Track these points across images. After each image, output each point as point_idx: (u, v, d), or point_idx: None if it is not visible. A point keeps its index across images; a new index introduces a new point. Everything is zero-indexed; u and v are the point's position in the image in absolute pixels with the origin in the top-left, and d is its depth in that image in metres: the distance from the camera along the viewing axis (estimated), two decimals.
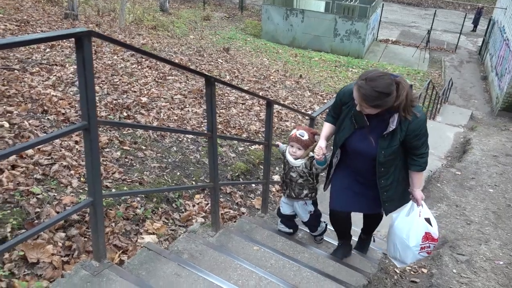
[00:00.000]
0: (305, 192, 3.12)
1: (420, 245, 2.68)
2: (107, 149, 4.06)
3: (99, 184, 1.98)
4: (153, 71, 7.41)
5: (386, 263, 3.51)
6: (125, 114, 5.09)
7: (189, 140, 5.03)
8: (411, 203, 2.73)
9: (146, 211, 3.38)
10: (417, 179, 2.64)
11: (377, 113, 2.35)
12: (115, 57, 7.47)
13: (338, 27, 18.02)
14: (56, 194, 3.02)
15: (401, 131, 2.39)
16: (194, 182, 4.24)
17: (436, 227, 2.74)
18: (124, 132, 4.55)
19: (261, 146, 5.43)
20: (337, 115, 2.68)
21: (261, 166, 5.13)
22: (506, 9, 16.47)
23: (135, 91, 6.02)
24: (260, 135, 6.17)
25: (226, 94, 7.67)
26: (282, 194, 3.34)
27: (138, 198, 3.49)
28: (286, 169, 3.14)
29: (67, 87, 5.35)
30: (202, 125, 5.63)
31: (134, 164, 4.00)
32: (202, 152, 4.84)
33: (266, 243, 3.11)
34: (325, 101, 9.74)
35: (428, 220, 2.69)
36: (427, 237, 2.68)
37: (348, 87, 2.51)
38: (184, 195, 3.98)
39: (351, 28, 17.82)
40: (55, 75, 5.63)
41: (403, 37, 21.84)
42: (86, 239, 2.74)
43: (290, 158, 3.05)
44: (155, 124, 5.18)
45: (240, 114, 6.85)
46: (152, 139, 4.67)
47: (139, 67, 7.35)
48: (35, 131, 3.84)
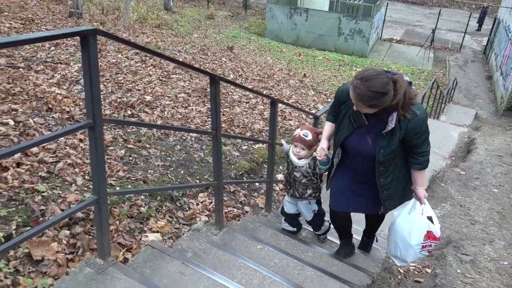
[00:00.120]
0: (309, 192, 3.12)
1: (422, 244, 2.65)
2: (111, 147, 4.07)
3: (104, 182, 1.99)
4: (157, 70, 7.42)
5: (390, 263, 3.50)
6: (129, 113, 5.10)
7: (193, 139, 5.04)
8: (413, 201, 2.70)
9: (150, 209, 3.39)
10: (419, 178, 2.60)
11: (376, 112, 2.31)
12: (119, 56, 7.49)
13: (342, 26, 17.97)
14: (61, 192, 3.03)
15: (401, 130, 2.34)
16: (198, 181, 4.25)
17: (438, 226, 2.70)
18: (128, 131, 4.56)
19: (265, 145, 5.43)
20: (337, 114, 2.65)
21: (265, 165, 5.13)
22: None
23: (139, 90, 6.03)
24: (264, 134, 6.17)
25: (230, 93, 7.67)
26: (286, 194, 3.33)
27: (142, 196, 3.50)
28: (290, 169, 3.13)
29: (72, 85, 5.37)
30: (206, 124, 5.64)
31: (138, 163, 4.01)
32: (206, 151, 4.84)
33: (270, 242, 3.11)
34: (329, 100, 9.72)
35: (430, 219, 2.66)
36: (429, 236, 2.65)
37: (346, 86, 2.46)
38: (188, 194, 3.98)
39: (355, 27, 17.77)
40: (60, 73, 5.64)
41: (408, 36, 21.77)
42: (91, 237, 2.75)
43: (294, 158, 3.04)
44: (159, 123, 5.19)
45: (244, 113, 6.85)
46: (156, 138, 4.68)
47: (143, 66, 7.36)
48: (40, 129, 3.85)
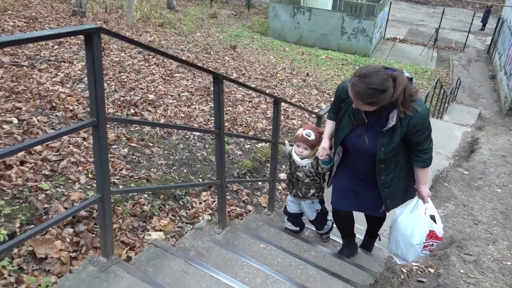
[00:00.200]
0: (312, 192, 3.11)
1: (424, 243, 2.62)
2: (115, 146, 4.08)
3: (108, 181, 1.99)
4: (160, 69, 7.42)
5: (393, 262, 3.49)
6: (132, 111, 5.10)
7: (196, 138, 5.04)
8: (416, 200, 2.65)
9: (153, 208, 3.40)
10: (422, 176, 2.55)
11: (376, 110, 2.26)
12: (123, 54, 7.50)
13: (346, 25, 17.94)
14: (64, 190, 3.04)
15: (402, 127, 2.30)
16: (201, 180, 4.25)
17: (441, 225, 2.67)
18: (132, 129, 4.57)
19: (268, 144, 5.43)
20: (338, 112, 2.61)
21: (268, 164, 5.13)
22: None
23: (142, 88, 6.04)
24: (267, 133, 6.17)
25: (233, 92, 7.67)
26: (289, 193, 3.32)
27: (145, 195, 3.51)
28: (293, 169, 3.11)
29: (75, 84, 5.37)
30: (209, 123, 5.64)
31: (141, 161, 4.02)
32: (209, 150, 4.84)
33: (273, 241, 3.10)
34: (332, 99, 9.70)
35: (433, 218, 2.62)
36: (431, 235, 2.62)
37: (346, 83, 2.41)
38: (191, 192, 3.98)
39: (359, 26, 17.73)
40: (63, 72, 5.65)
41: (411, 36, 21.70)
42: (94, 235, 2.75)
43: (297, 158, 3.03)
44: (162, 121, 5.19)
45: (247, 112, 6.84)
46: (159, 136, 4.68)
47: (146, 64, 7.37)
48: (44, 128, 3.86)
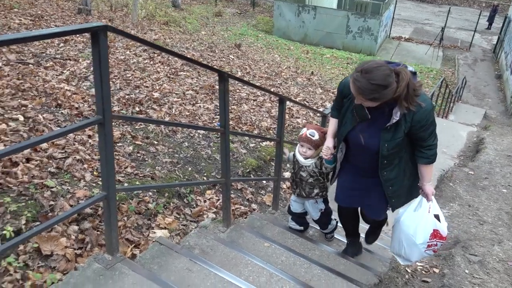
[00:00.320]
0: (316, 191, 3.09)
1: (428, 243, 2.55)
2: (120, 144, 4.09)
3: (113, 178, 2.00)
4: (165, 67, 7.43)
5: (397, 262, 3.48)
6: (138, 109, 5.12)
7: (201, 136, 5.04)
8: (420, 198, 2.59)
9: (158, 206, 3.40)
10: (426, 173, 2.49)
11: (379, 105, 2.21)
12: (128, 52, 7.51)
13: (351, 24, 17.87)
14: (70, 188, 3.05)
15: (406, 122, 2.24)
16: (206, 178, 4.25)
17: (445, 225, 2.60)
18: (136, 127, 4.58)
19: (272, 143, 5.43)
20: (341, 108, 2.56)
21: (272, 163, 5.12)
22: None
23: (147, 86, 6.05)
24: (272, 132, 6.16)
25: (238, 90, 7.67)
26: (292, 193, 3.31)
27: (150, 193, 3.52)
28: (296, 168, 3.09)
29: (80, 82, 5.40)
30: (214, 121, 5.64)
31: (146, 159, 4.03)
32: (214, 148, 4.85)
33: (277, 240, 3.10)
34: None
35: (437, 217, 2.55)
36: (435, 235, 2.55)
37: (348, 79, 2.34)
38: (196, 191, 3.99)
39: (364, 25, 17.66)
40: (69, 70, 5.68)
41: (416, 35, 21.60)
42: (99, 233, 2.76)
43: (300, 158, 3.01)
44: (167, 120, 5.20)
45: (252, 111, 6.84)
46: (164, 134, 4.69)
47: (151, 63, 7.38)
48: (49, 125, 3.88)
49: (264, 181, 4.88)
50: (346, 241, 3.25)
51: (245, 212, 3.98)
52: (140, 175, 3.68)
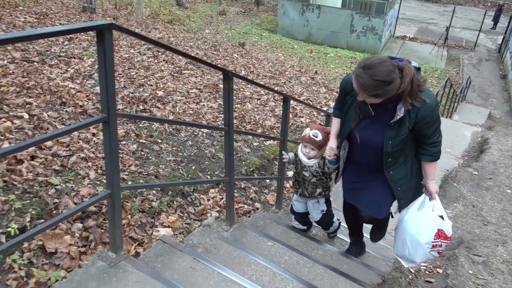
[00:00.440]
0: (319, 191, 3.08)
1: (432, 243, 2.51)
2: (124, 142, 4.10)
3: (117, 177, 2.00)
4: (169, 65, 7.44)
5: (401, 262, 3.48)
6: (142, 108, 5.13)
7: (204, 135, 5.05)
8: (423, 197, 2.54)
9: (162, 204, 3.41)
10: (430, 170, 2.43)
11: (383, 101, 2.17)
12: (132, 51, 7.53)
13: (355, 23, 17.83)
14: (74, 185, 3.06)
15: (410, 119, 2.19)
16: (209, 176, 4.26)
17: (450, 224, 2.56)
18: (141, 125, 4.58)
19: (276, 142, 5.42)
20: (344, 107, 2.52)
21: (276, 162, 5.12)
22: None
23: (151, 85, 6.06)
24: (275, 131, 6.16)
25: (242, 89, 7.67)
26: (294, 193, 3.30)
27: (154, 191, 3.52)
28: (299, 168, 3.08)
29: (85, 80, 5.41)
30: (218, 120, 5.64)
31: (150, 157, 4.03)
32: (217, 147, 4.85)
33: (280, 239, 3.10)
34: None
35: (441, 217, 2.52)
36: (440, 235, 2.51)
37: (350, 75, 2.29)
38: (199, 189, 3.99)
39: (368, 24, 17.62)
40: (73, 68, 5.69)
41: (421, 34, 21.52)
42: (103, 231, 2.77)
43: (303, 158, 2.99)
44: (171, 118, 5.21)
45: (255, 109, 6.84)
46: (168, 133, 4.69)
47: (156, 61, 7.39)
48: (54, 123, 3.89)
49: (268, 180, 4.88)
50: (350, 241, 3.25)
51: (249, 211, 3.98)
52: (144, 174, 3.69)
